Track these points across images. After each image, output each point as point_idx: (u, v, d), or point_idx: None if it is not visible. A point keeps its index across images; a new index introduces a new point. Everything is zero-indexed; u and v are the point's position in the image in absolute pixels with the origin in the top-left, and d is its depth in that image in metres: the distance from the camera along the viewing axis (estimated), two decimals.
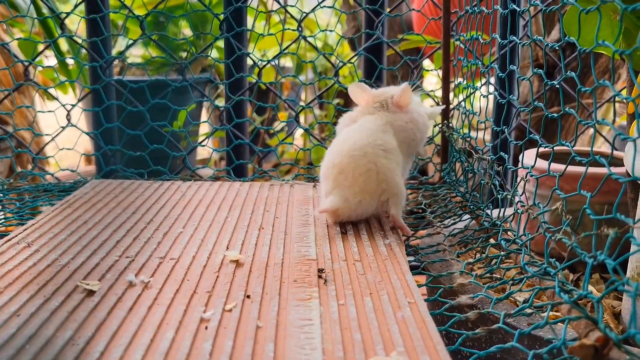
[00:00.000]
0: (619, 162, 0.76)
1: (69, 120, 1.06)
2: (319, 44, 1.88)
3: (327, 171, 0.73)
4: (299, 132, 2.12)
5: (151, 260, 0.61)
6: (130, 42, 1.13)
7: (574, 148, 0.59)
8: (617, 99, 0.52)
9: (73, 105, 1.07)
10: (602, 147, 1.56)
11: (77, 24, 1.10)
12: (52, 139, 1.07)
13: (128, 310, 0.49)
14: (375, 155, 0.71)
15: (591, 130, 1.16)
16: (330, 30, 1.13)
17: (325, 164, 0.74)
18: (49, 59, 1.81)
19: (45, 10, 1.29)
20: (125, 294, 0.53)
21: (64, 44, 1.57)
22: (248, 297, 0.52)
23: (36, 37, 1.42)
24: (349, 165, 0.70)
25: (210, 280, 0.56)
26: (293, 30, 1.08)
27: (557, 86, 0.60)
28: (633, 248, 0.54)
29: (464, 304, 0.58)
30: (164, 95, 1.07)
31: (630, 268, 0.60)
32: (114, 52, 1.24)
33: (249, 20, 1.40)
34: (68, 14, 1.07)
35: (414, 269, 0.66)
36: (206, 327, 0.47)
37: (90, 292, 0.53)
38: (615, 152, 0.81)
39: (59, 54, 1.23)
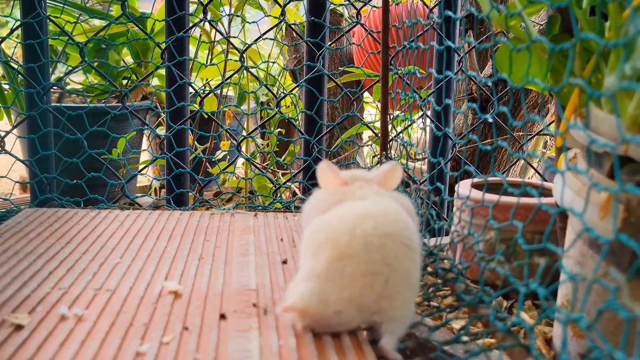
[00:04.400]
0: (548, 193, 0.79)
1: (2, 147, 1.03)
2: (261, 75, 1.89)
3: (319, 248, 0.52)
4: (240, 161, 2.11)
5: (86, 292, 0.59)
6: (70, 68, 1.11)
7: (507, 179, 0.61)
8: (546, 132, 0.54)
9: (7, 132, 1.04)
10: (533, 177, 1.61)
11: (13, 49, 1.07)
12: None
13: (59, 345, 0.48)
14: (395, 255, 0.51)
15: (523, 162, 1.20)
16: (273, 62, 1.14)
17: (321, 234, 0.53)
18: None
19: None
20: (56, 328, 0.51)
21: None
22: (186, 328, 0.52)
23: None
24: (356, 256, 0.50)
25: (148, 312, 0.55)
26: (236, 60, 1.09)
27: (490, 120, 0.62)
28: (563, 276, 0.56)
29: None
30: (103, 122, 1.06)
31: (561, 295, 0.62)
32: (52, 78, 1.22)
33: (192, 49, 1.39)
34: (4, 38, 1.04)
35: None
36: None
37: (19, 327, 0.51)
38: (545, 183, 0.85)
39: None
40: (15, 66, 1.08)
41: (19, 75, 1.08)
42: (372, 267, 0.49)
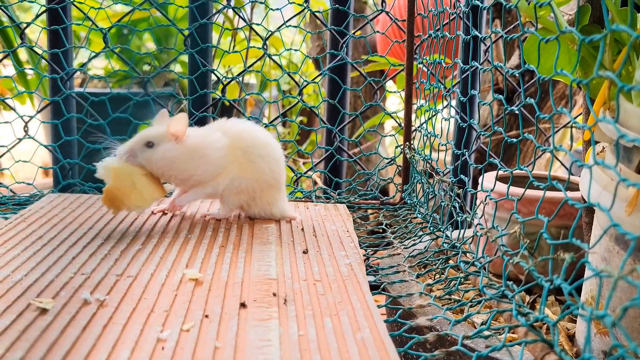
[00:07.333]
0: (575, 187, 0.78)
1: (26, 131, 1.03)
2: (284, 62, 1.89)
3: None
4: None
5: (108, 278, 0.59)
6: (93, 54, 1.11)
7: (532, 172, 0.60)
8: (573, 125, 0.53)
9: (31, 117, 1.05)
10: (558, 171, 1.59)
11: (38, 34, 1.08)
12: (8, 150, 1.04)
13: (82, 329, 0.48)
14: None
15: (549, 154, 1.19)
16: (295, 49, 1.14)
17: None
18: (7, 69, 1.77)
19: (4, 19, 1.26)
20: (79, 313, 0.51)
21: (23, 54, 1.54)
22: (207, 316, 0.52)
23: None
24: None
25: (169, 299, 0.55)
26: (258, 48, 1.08)
27: (517, 111, 0.61)
28: (588, 273, 0.56)
29: (423, 325, 0.58)
30: (125, 108, 1.06)
31: (585, 292, 0.61)
32: (75, 63, 1.22)
33: (215, 36, 1.39)
34: (29, 24, 1.05)
35: (374, 289, 0.67)
36: (163, 348, 0.46)
37: (43, 311, 0.51)
38: (571, 177, 0.83)
39: (18, 64, 1.20)
40: (40, 51, 1.09)
41: (43, 61, 1.09)
42: None
